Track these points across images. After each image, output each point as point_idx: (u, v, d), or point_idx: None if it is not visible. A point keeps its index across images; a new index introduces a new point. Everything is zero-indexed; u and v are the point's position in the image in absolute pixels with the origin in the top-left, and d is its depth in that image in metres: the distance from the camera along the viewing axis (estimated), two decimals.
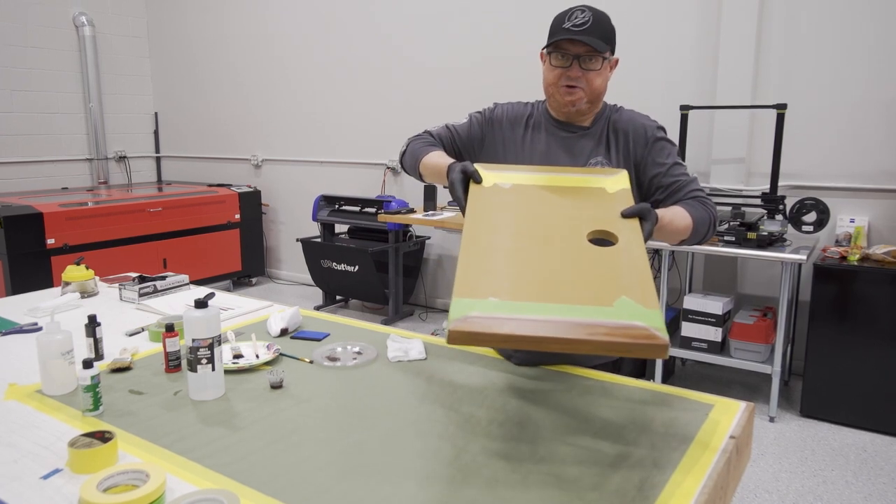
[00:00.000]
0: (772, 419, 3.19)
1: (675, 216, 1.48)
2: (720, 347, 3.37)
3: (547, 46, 1.54)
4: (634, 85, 3.95)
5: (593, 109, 1.62)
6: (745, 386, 3.65)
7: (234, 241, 5.61)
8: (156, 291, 2.24)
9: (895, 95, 3.34)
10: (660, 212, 1.40)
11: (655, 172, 1.58)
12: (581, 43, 1.49)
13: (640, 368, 3.64)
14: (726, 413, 1.32)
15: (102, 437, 1.12)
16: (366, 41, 5.16)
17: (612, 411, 1.33)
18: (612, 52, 1.56)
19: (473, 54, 4.63)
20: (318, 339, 1.80)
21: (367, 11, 5.12)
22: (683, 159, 3.55)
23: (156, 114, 6.72)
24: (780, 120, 3.28)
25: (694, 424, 1.27)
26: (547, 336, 0.98)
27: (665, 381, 3.54)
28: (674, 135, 3.61)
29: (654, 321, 1.02)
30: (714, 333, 3.37)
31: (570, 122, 1.63)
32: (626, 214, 1.29)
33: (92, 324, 1.64)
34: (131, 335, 1.86)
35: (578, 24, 1.49)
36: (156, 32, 6.56)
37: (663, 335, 1.00)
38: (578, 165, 1.58)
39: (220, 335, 1.40)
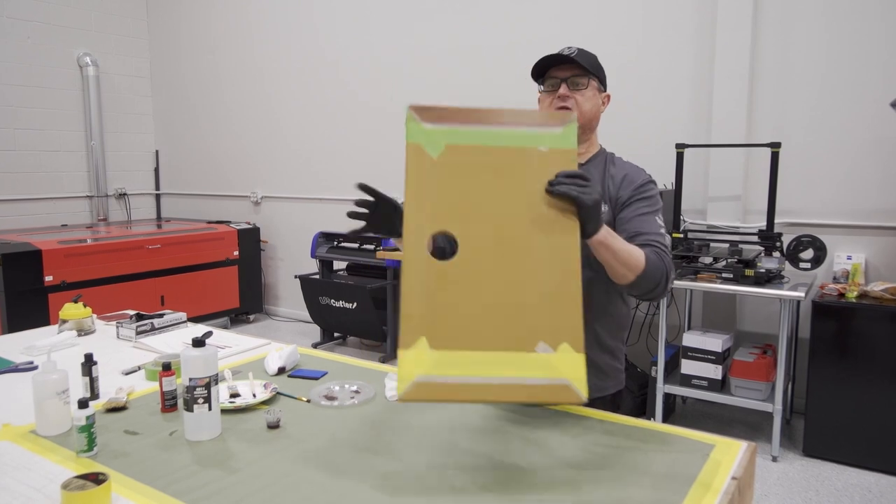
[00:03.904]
0: (774, 459, 3.15)
1: (625, 245, 1.42)
2: (720, 385, 3.35)
3: (538, 79, 1.64)
4: (630, 124, 4.00)
5: (584, 140, 1.64)
6: (747, 424, 3.61)
7: (232, 278, 5.61)
8: (153, 329, 2.23)
9: (890, 133, 3.39)
10: (608, 232, 1.36)
11: (625, 215, 1.56)
12: (567, 66, 1.58)
13: (641, 406, 3.61)
14: (728, 453, 1.30)
15: (96, 478, 1.10)
16: (364, 79, 5.24)
17: (613, 451, 1.32)
18: (603, 85, 1.64)
19: (473, 91, 4.70)
20: (316, 378, 1.79)
21: (364, 50, 5.21)
22: (680, 196, 3.59)
23: (157, 151, 6.78)
24: (775, 158, 3.32)
25: (695, 465, 1.26)
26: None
27: (665, 419, 3.51)
28: (670, 173, 3.65)
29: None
30: (714, 371, 3.35)
31: None
32: (555, 192, 1.25)
33: (88, 363, 1.63)
34: (128, 374, 1.84)
35: (565, 54, 1.60)
36: (158, 72, 6.67)
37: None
38: None
39: (217, 374, 1.39)
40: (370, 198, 1.44)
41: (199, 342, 1.39)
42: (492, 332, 1.20)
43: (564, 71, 1.59)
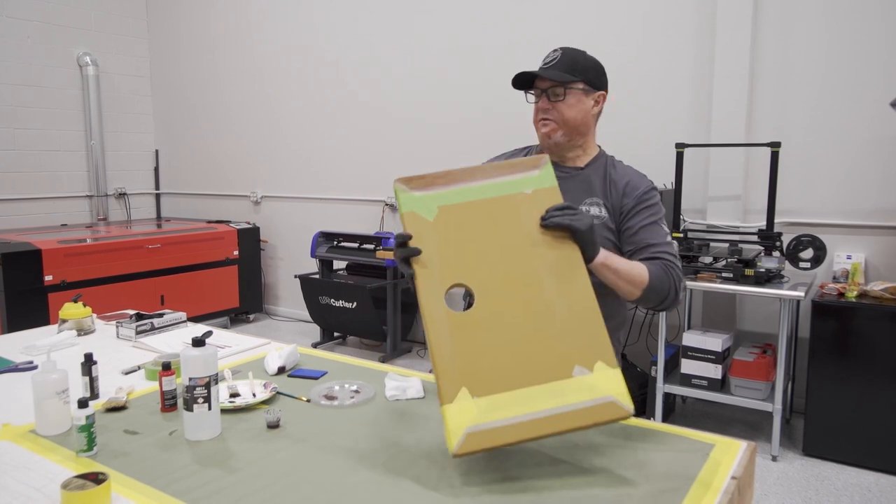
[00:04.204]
0: (774, 458, 3.15)
1: (627, 263, 1.48)
2: (720, 385, 3.35)
3: (525, 89, 1.66)
4: (630, 124, 4.00)
5: (577, 144, 1.64)
6: (747, 424, 3.61)
7: (232, 278, 5.60)
8: (153, 329, 2.23)
9: (890, 133, 3.39)
10: (608, 254, 1.43)
11: (631, 224, 1.58)
12: (543, 77, 1.59)
13: (640, 406, 3.61)
14: (727, 453, 1.30)
15: (96, 478, 1.10)
16: (364, 79, 5.24)
17: (612, 451, 1.32)
18: (591, 85, 1.62)
19: (473, 90, 4.69)
20: (316, 378, 1.79)
21: (364, 50, 5.21)
22: (679, 197, 3.58)
23: (156, 151, 6.78)
24: (775, 158, 3.32)
25: (695, 464, 1.26)
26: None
27: (665, 419, 3.51)
28: (670, 172, 3.65)
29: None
30: (714, 371, 3.35)
31: (562, 162, 1.65)
32: (549, 225, 1.33)
33: (88, 362, 1.63)
34: (127, 373, 1.85)
35: (547, 62, 1.60)
36: (158, 71, 6.66)
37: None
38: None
39: (216, 374, 1.39)
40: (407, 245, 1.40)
41: (198, 342, 1.39)
42: (527, 368, 1.23)
43: (544, 81, 1.60)
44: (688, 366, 3.41)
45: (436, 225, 1.35)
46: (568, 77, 1.58)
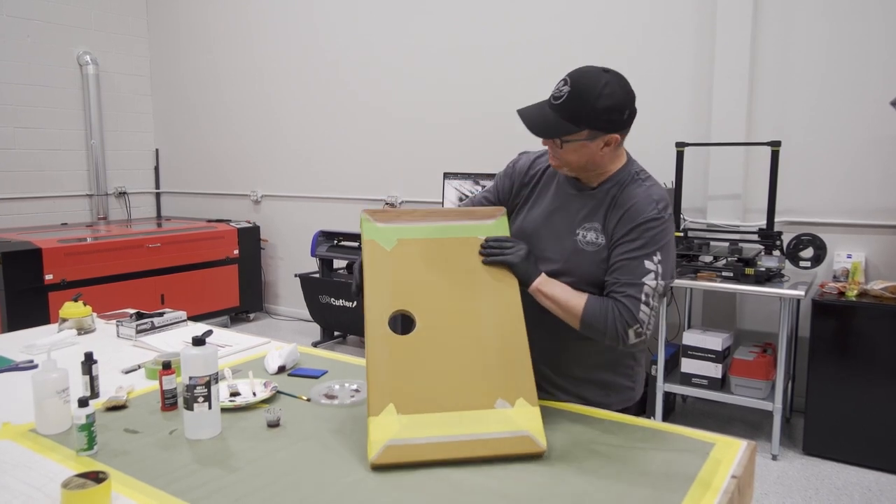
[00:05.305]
0: (774, 457, 3.15)
1: (567, 292, 1.47)
2: (720, 384, 3.35)
3: None
4: None
5: (594, 173, 1.52)
6: (747, 423, 3.61)
7: (232, 277, 5.60)
8: (153, 328, 2.23)
9: (890, 133, 3.39)
10: (543, 281, 1.48)
11: (614, 254, 1.47)
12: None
13: (641, 405, 3.60)
14: (727, 452, 1.31)
15: (96, 477, 1.10)
16: (364, 79, 5.24)
17: (612, 450, 1.32)
18: (599, 129, 1.42)
19: (473, 90, 4.69)
20: (316, 377, 1.79)
21: (364, 50, 5.21)
22: (680, 196, 3.58)
23: (157, 150, 6.78)
24: (775, 157, 3.32)
25: (695, 464, 1.26)
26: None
27: (665, 418, 3.51)
28: (670, 172, 3.65)
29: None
30: (714, 370, 3.35)
31: (578, 178, 1.55)
32: (487, 263, 1.48)
33: (88, 361, 1.63)
34: (127, 373, 1.85)
35: (555, 98, 1.43)
36: (158, 71, 6.66)
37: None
38: (571, 229, 1.53)
39: (217, 373, 1.39)
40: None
41: (199, 341, 1.39)
42: (453, 394, 1.32)
43: None
44: (688, 365, 3.41)
45: (392, 255, 1.49)
46: (566, 129, 1.41)
